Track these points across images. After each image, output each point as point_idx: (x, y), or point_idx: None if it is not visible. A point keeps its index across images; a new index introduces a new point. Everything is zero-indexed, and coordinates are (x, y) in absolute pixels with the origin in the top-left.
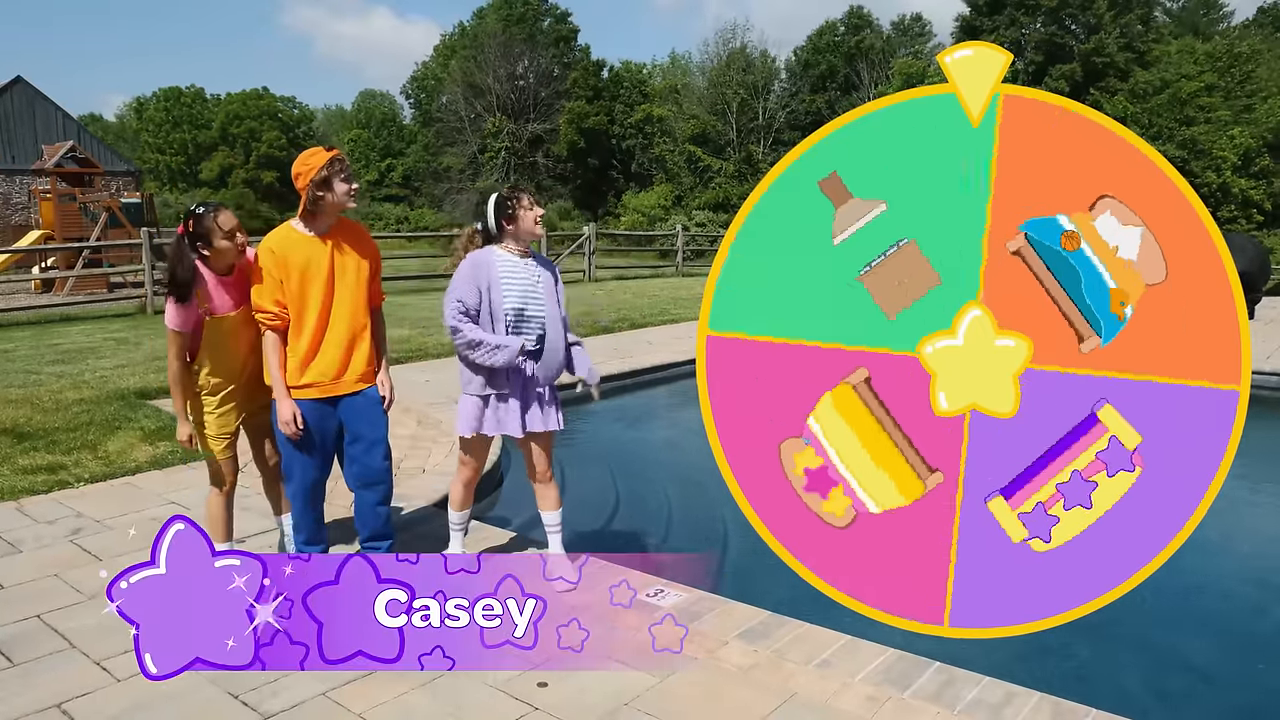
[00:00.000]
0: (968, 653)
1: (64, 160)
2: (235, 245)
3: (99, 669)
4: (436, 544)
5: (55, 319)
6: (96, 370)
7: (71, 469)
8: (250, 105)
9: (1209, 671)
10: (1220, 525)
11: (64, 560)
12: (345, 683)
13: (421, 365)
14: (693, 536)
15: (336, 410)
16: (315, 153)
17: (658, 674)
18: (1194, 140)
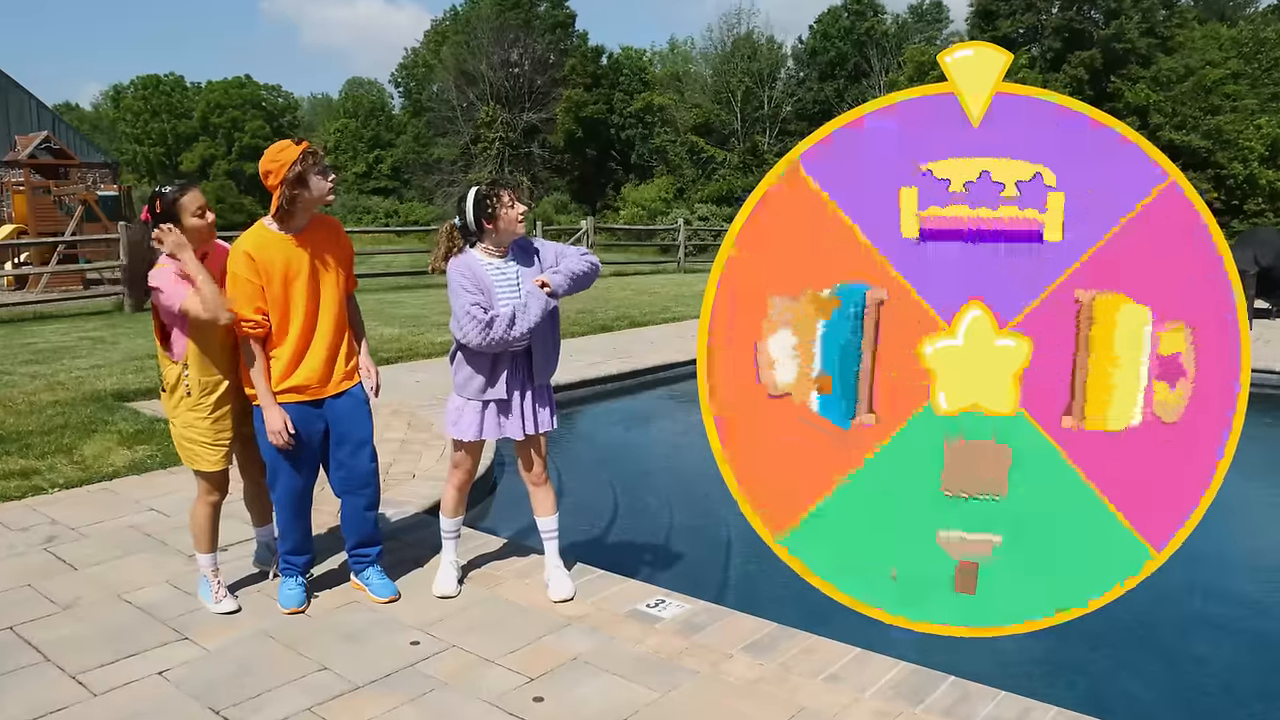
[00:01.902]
0: (982, 667)
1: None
2: (205, 224)
3: (74, 683)
4: (427, 551)
5: (29, 317)
6: (72, 371)
7: (46, 474)
8: (232, 94)
9: (1232, 685)
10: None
11: (37, 569)
12: (332, 697)
13: (412, 365)
14: (695, 544)
15: (321, 411)
16: (285, 147)
17: (659, 688)
18: (1219, 130)
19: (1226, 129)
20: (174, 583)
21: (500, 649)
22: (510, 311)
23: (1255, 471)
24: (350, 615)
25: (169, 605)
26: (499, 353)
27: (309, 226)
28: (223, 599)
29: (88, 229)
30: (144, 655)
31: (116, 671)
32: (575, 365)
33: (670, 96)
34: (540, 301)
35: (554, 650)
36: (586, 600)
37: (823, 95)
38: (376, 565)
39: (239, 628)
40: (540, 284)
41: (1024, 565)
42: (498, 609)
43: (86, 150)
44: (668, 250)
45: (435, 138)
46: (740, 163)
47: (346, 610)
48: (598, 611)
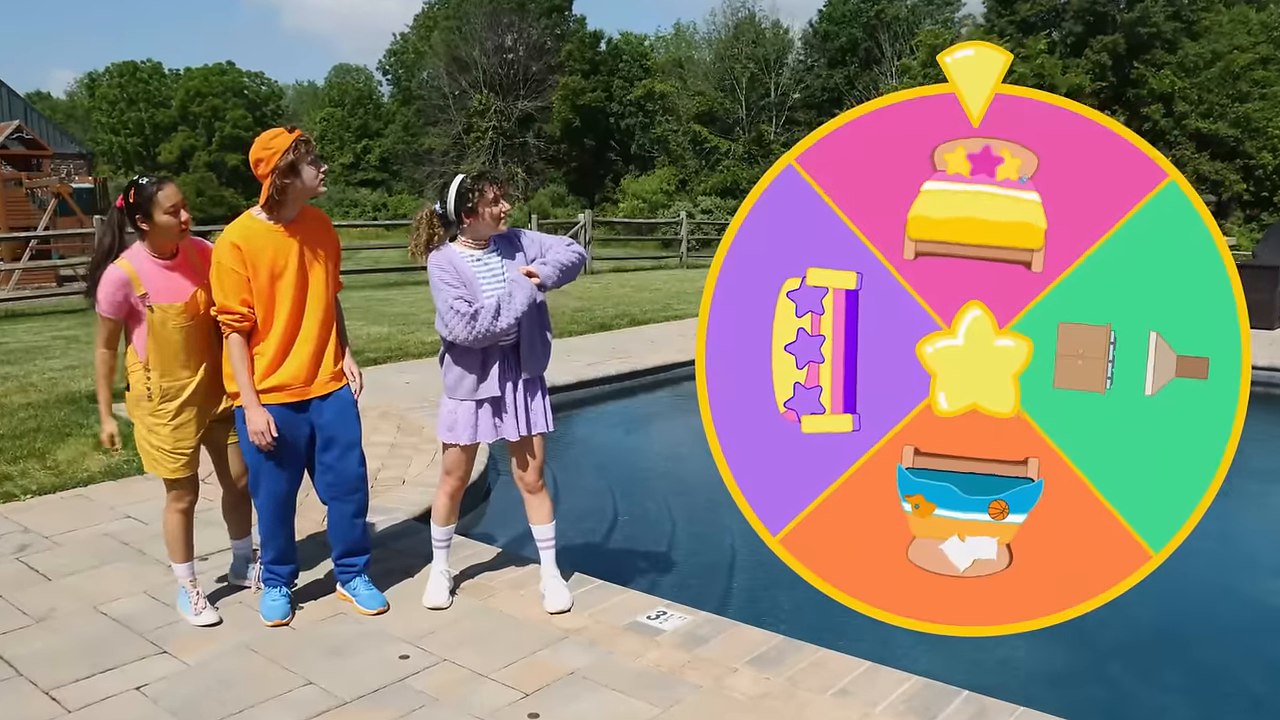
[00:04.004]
0: (997, 679)
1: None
2: (178, 223)
3: (48, 698)
4: (417, 561)
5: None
6: (45, 372)
7: (17, 480)
8: (213, 81)
9: (1256, 696)
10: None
11: (9, 580)
12: (318, 713)
13: (401, 365)
14: (699, 553)
15: (307, 414)
16: (277, 134)
17: (660, 704)
18: (1248, 118)
19: (1255, 116)
20: (152, 593)
21: (493, 663)
22: (495, 303)
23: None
24: (336, 627)
25: (147, 617)
26: (489, 348)
27: (298, 218)
28: (203, 610)
29: (62, 223)
30: (121, 670)
31: (92, 686)
32: (573, 365)
33: (672, 84)
34: (526, 290)
35: (550, 665)
36: (584, 612)
37: (832, 82)
38: (364, 575)
39: (220, 641)
40: (527, 274)
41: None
42: (491, 621)
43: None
44: (669, 245)
45: (426, 127)
46: (745, 153)
47: (332, 622)
48: (596, 624)
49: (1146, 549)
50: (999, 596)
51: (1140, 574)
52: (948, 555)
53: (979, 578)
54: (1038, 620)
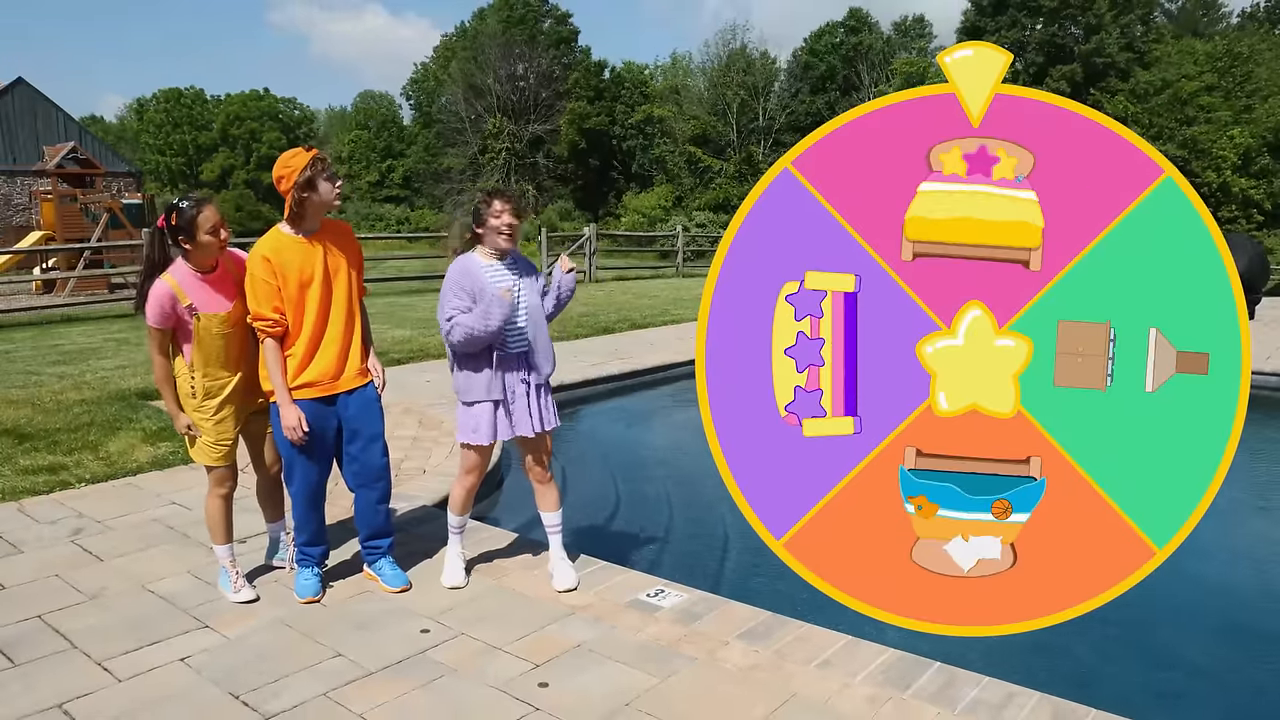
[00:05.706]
0: (968, 653)
1: (65, 161)
2: (218, 241)
3: (100, 669)
4: (437, 544)
5: (56, 320)
6: (98, 371)
7: (73, 469)
8: (250, 106)
9: (1209, 671)
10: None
11: (65, 561)
12: (346, 682)
13: (422, 365)
14: (693, 537)
15: (335, 408)
16: (296, 154)
17: (658, 674)
18: (1194, 140)
19: (1201, 139)
20: (195, 573)
21: (506, 637)
22: (469, 318)
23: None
24: (363, 604)
25: (190, 595)
26: (501, 357)
27: (321, 230)
28: (241, 589)
29: (113, 235)
30: (167, 643)
31: (140, 658)
32: (578, 365)
33: (669, 109)
34: (499, 304)
35: (558, 638)
36: (589, 591)
37: (814, 108)
38: (388, 556)
39: (257, 616)
40: (566, 269)
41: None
42: (504, 599)
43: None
44: (667, 256)
45: (444, 148)
46: (736, 172)
47: (360, 600)
48: (600, 601)
49: (1151, 545)
50: (1004, 596)
51: (1145, 570)
52: (952, 556)
53: (984, 578)
54: (1043, 619)
